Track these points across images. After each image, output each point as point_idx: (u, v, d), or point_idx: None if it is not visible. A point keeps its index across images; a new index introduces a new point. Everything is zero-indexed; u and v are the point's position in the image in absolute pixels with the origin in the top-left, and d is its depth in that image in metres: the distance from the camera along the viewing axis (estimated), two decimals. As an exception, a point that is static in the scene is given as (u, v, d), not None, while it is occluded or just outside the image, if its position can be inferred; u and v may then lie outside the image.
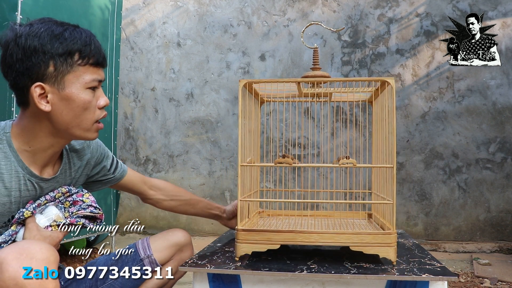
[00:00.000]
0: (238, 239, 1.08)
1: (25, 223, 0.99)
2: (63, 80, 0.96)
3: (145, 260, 1.25)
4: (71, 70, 0.97)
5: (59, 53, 0.95)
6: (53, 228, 1.00)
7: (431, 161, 3.20)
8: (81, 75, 0.98)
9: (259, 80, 1.20)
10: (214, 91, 3.55)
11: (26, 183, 1.00)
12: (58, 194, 1.06)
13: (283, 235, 1.07)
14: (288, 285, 1.02)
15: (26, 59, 0.94)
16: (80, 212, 1.04)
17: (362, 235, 1.04)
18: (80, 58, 0.97)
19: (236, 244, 1.08)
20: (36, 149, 1.01)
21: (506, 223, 3.09)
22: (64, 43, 0.96)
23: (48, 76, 0.95)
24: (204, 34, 3.58)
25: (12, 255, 0.82)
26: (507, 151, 3.10)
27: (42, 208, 1.02)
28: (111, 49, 2.85)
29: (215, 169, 3.54)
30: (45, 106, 0.96)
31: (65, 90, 0.96)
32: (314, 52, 1.21)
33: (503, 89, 3.12)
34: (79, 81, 0.97)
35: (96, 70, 1.00)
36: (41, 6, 2.28)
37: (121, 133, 3.69)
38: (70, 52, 0.96)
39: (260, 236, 1.07)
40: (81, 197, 1.07)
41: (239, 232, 1.08)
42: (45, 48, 0.94)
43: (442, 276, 0.96)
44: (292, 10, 3.44)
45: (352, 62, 3.35)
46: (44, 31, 0.95)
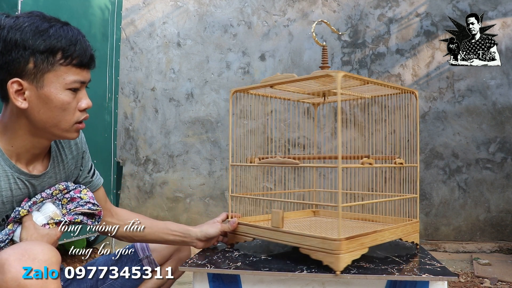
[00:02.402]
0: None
1: (21, 221, 0.98)
2: (42, 78, 0.92)
3: (144, 260, 1.25)
4: (52, 69, 0.92)
5: (40, 50, 0.91)
6: (50, 226, 0.99)
7: (431, 161, 3.20)
8: (61, 75, 0.94)
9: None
10: (214, 91, 3.55)
11: (16, 181, 0.98)
12: (55, 191, 1.04)
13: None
14: (288, 285, 1.01)
15: (6, 52, 0.90)
16: (78, 209, 1.02)
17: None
18: (62, 57, 0.93)
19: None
20: (17, 148, 0.98)
21: (506, 223, 3.09)
22: (47, 40, 0.91)
23: (27, 72, 0.91)
24: (204, 34, 3.58)
25: (14, 256, 0.82)
26: (507, 151, 3.10)
27: (39, 206, 1.01)
28: (111, 49, 2.85)
29: (215, 169, 3.54)
30: (21, 103, 0.93)
31: (44, 89, 0.93)
32: (324, 50, 1.20)
33: (503, 89, 3.12)
34: (59, 81, 0.93)
35: (79, 71, 0.96)
36: (41, 6, 2.28)
37: (121, 133, 3.69)
38: (52, 50, 0.92)
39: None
40: (79, 194, 1.05)
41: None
42: (26, 44, 0.90)
43: (442, 276, 0.96)
44: (292, 10, 3.44)
45: (352, 62, 3.35)
46: (28, 26, 0.91)
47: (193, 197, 3.57)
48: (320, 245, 0.98)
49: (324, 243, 0.97)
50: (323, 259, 0.98)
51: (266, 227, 1.14)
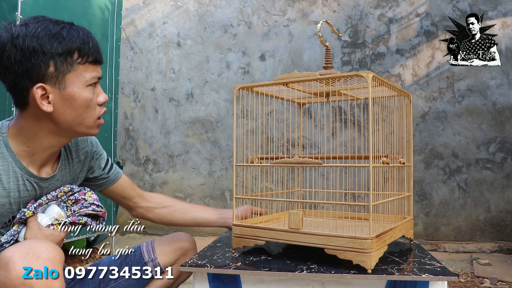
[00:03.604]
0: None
1: (26, 222, 0.99)
2: (64, 79, 0.95)
3: (149, 264, 1.24)
4: (72, 69, 0.96)
5: (58, 52, 0.94)
6: (55, 227, 1.00)
7: (431, 161, 3.20)
8: (81, 73, 0.97)
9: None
10: (214, 91, 3.55)
11: (24, 183, 1.00)
12: (60, 193, 1.05)
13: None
14: (288, 285, 1.02)
15: (25, 60, 0.93)
16: (83, 211, 1.04)
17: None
18: (79, 56, 0.96)
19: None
20: (34, 149, 1.00)
21: (506, 223, 3.09)
22: (63, 42, 0.94)
23: (49, 76, 0.94)
24: (204, 34, 3.58)
25: (18, 254, 0.83)
26: (507, 151, 3.10)
27: (44, 207, 1.02)
28: (111, 49, 2.85)
29: (215, 169, 3.54)
30: (47, 107, 0.95)
31: (67, 90, 0.96)
32: (327, 50, 1.20)
33: (503, 89, 3.12)
34: (79, 79, 0.97)
35: (95, 67, 1.00)
36: (41, 6, 2.28)
37: (121, 133, 3.69)
38: (70, 51, 0.95)
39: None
40: (83, 196, 1.06)
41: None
42: (44, 48, 0.93)
43: (442, 276, 0.96)
44: (292, 10, 3.44)
45: (352, 62, 3.35)
46: (42, 31, 0.94)
47: (193, 197, 3.57)
48: (350, 244, 0.98)
49: (354, 243, 0.97)
50: (352, 258, 0.98)
51: (283, 229, 1.10)
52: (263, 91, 1.27)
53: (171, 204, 1.32)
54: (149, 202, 1.30)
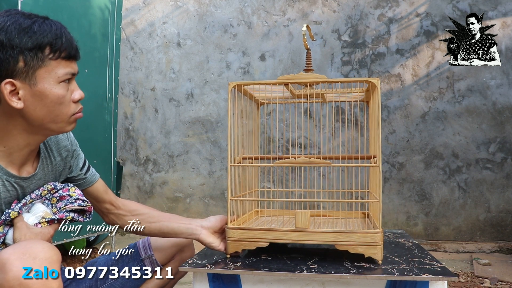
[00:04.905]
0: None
1: (13, 223, 0.97)
2: (34, 75, 0.91)
3: (146, 260, 1.24)
4: (43, 64, 0.92)
5: (28, 47, 0.90)
6: (42, 225, 0.98)
7: (431, 161, 3.20)
8: (53, 69, 0.93)
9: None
10: (214, 91, 3.55)
11: (4, 184, 0.97)
12: (44, 191, 1.03)
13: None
14: (288, 285, 1.02)
15: None
16: (68, 207, 1.02)
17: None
18: (51, 52, 0.92)
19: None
20: (11, 148, 0.97)
21: (506, 223, 3.09)
22: (33, 36, 0.91)
23: (18, 72, 0.90)
24: (204, 34, 3.58)
25: (15, 255, 0.82)
26: (507, 151, 3.10)
27: (28, 207, 1.00)
28: (111, 49, 2.85)
29: (215, 169, 3.54)
30: (17, 103, 0.91)
31: (37, 86, 0.92)
32: (307, 54, 1.21)
33: (503, 89, 3.12)
34: (51, 75, 0.93)
35: (68, 63, 0.96)
36: (41, 6, 2.28)
37: (121, 133, 3.69)
38: (41, 46, 0.91)
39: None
40: (68, 192, 1.04)
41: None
42: (13, 43, 0.89)
43: (442, 276, 0.96)
44: (292, 10, 3.44)
45: (352, 62, 3.35)
46: (11, 25, 0.90)
47: (193, 197, 3.57)
48: (361, 239, 1.03)
49: (365, 237, 1.03)
50: (364, 252, 1.03)
51: (289, 229, 1.09)
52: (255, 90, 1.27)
53: (142, 212, 1.24)
54: (120, 210, 1.23)
